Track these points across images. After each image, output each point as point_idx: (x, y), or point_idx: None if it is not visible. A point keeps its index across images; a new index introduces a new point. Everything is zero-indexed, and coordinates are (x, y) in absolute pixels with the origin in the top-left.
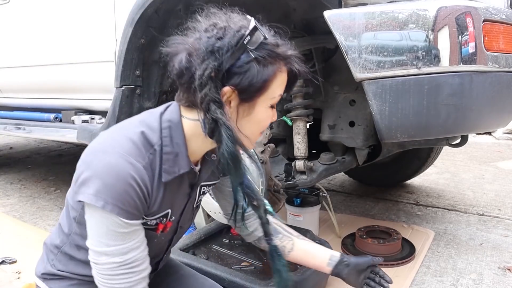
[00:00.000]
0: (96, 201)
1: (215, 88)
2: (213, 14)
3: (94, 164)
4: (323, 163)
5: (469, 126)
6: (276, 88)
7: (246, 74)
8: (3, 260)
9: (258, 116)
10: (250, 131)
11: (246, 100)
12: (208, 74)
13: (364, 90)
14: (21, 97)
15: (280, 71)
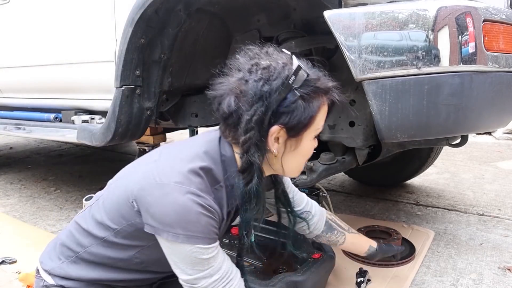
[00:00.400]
0: (180, 238)
1: (259, 131)
2: (251, 51)
3: (168, 202)
4: (323, 163)
5: (469, 126)
6: (320, 120)
7: (293, 113)
8: (3, 260)
9: (304, 148)
10: (297, 163)
11: (293, 135)
12: (255, 120)
13: (364, 90)
14: (21, 97)
15: (323, 104)
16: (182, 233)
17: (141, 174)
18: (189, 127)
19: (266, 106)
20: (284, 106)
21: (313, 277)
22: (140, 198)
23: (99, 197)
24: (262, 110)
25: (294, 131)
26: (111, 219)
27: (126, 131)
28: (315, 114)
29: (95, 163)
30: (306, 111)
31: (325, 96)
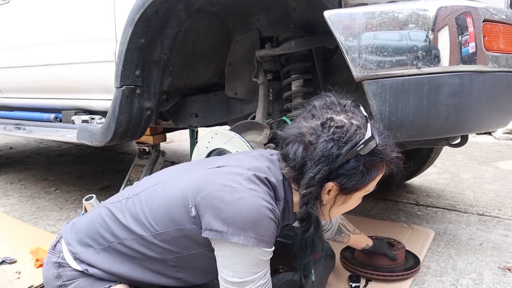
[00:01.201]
0: (251, 241)
1: (320, 187)
2: (328, 97)
3: (243, 207)
4: None
5: (469, 126)
6: (374, 183)
7: (352, 177)
8: (3, 260)
9: (351, 204)
10: (338, 213)
11: (345, 193)
12: (319, 178)
13: (364, 90)
14: (21, 97)
15: (382, 172)
16: (254, 236)
17: (202, 180)
18: (189, 127)
19: (331, 167)
20: (344, 169)
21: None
22: (204, 204)
23: (139, 192)
24: (326, 170)
25: (347, 190)
26: (156, 220)
27: (126, 131)
28: (370, 182)
29: (95, 163)
30: (364, 177)
31: (385, 165)
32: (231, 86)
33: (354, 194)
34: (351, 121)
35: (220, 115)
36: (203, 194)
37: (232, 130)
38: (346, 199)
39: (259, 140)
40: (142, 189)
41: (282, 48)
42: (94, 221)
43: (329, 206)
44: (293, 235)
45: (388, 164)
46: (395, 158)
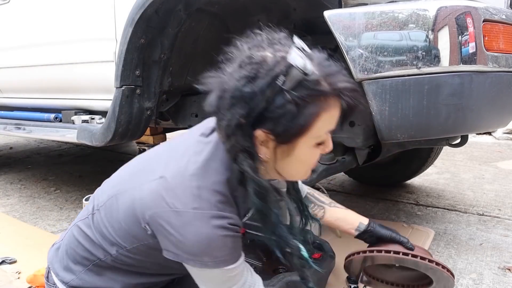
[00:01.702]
0: (216, 265)
1: (243, 136)
2: (256, 37)
3: (190, 233)
4: (323, 163)
5: (469, 126)
6: (321, 127)
7: (280, 120)
8: (3, 260)
9: (301, 156)
10: (296, 171)
11: (283, 142)
12: (234, 124)
13: (364, 90)
14: (21, 97)
15: (325, 110)
16: (209, 260)
17: (149, 195)
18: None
19: (248, 109)
20: (269, 110)
21: (313, 277)
22: (155, 225)
23: (99, 206)
24: (242, 113)
25: (282, 138)
26: (121, 237)
27: (126, 131)
28: (309, 122)
29: (95, 163)
30: (297, 119)
31: (331, 99)
32: None
33: (298, 142)
34: (277, 53)
35: None
36: (151, 214)
37: None
38: (290, 150)
39: None
40: (101, 203)
41: None
42: (71, 244)
43: (272, 161)
44: None
45: (334, 97)
46: (344, 89)
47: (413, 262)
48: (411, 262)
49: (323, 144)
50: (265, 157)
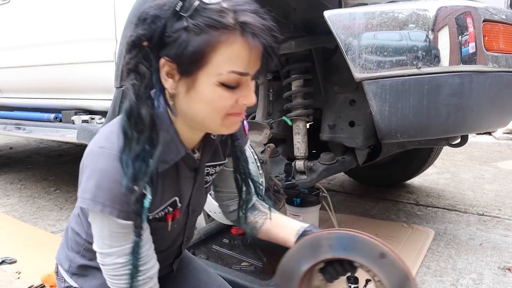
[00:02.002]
0: (94, 205)
1: (137, 57)
2: None
3: (89, 168)
4: (323, 163)
5: (469, 126)
6: (221, 62)
7: (175, 44)
8: (3, 260)
9: (203, 94)
10: (201, 111)
11: (185, 74)
12: (131, 41)
13: (364, 90)
14: (21, 97)
15: (224, 43)
16: (101, 201)
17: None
18: None
19: (149, 31)
20: (166, 35)
21: None
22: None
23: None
24: (141, 33)
25: (181, 67)
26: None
27: None
28: (202, 50)
29: None
30: (189, 44)
31: (233, 34)
32: None
33: (198, 77)
34: None
35: None
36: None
37: None
38: (192, 84)
39: (259, 140)
40: None
41: (282, 48)
42: (67, 232)
43: (180, 98)
44: None
45: (237, 32)
46: (249, 24)
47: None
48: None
49: (237, 90)
50: (171, 89)
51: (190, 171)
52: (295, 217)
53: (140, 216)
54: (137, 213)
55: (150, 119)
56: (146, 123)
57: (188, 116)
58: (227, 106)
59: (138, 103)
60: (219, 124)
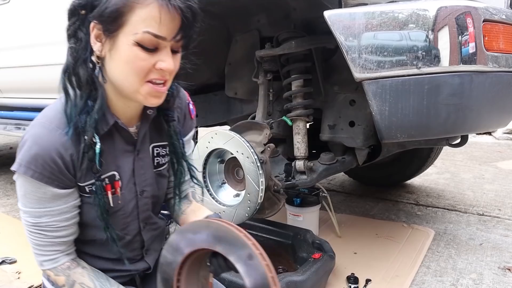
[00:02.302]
0: (17, 166)
1: (75, 24)
2: None
3: (22, 139)
4: (323, 163)
5: (469, 126)
6: (138, 23)
7: (99, 5)
8: (3, 260)
9: (122, 53)
10: (122, 73)
11: (108, 34)
12: (69, 10)
13: (364, 90)
14: (21, 97)
15: (139, 3)
16: (17, 161)
17: None
18: None
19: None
20: (96, 1)
21: (313, 277)
22: None
23: None
24: (80, 3)
25: (105, 27)
26: None
27: None
28: (119, 12)
29: None
30: (109, 4)
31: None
32: (231, 86)
33: (119, 36)
34: None
35: (220, 115)
36: None
37: (232, 130)
38: (114, 44)
39: (259, 140)
40: None
41: (282, 48)
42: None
43: (104, 59)
44: (293, 235)
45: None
46: None
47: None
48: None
49: (155, 54)
50: (98, 51)
51: (127, 145)
52: (295, 217)
53: (94, 161)
54: (91, 159)
55: (88, 78)
56: (84, 81)
57: (113, 80)
58: (144, 68)
59: (76, 64)
60: (136, 90)
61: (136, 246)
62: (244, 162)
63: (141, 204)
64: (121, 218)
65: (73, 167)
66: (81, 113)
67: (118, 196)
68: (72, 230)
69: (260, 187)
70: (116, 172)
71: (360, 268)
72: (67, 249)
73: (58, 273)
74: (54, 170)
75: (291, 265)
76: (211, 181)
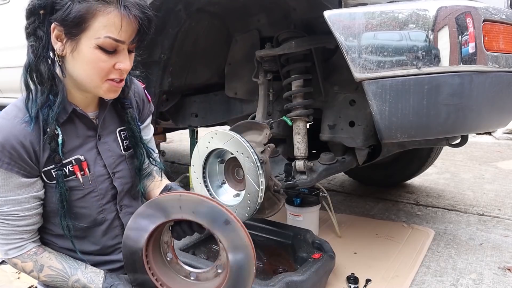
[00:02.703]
0: None
1: (34, 23)
2: None
3: None
4: (323, 163)
5: (469, 126)
6: (99, 28)
7: (62, 10)
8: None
9: (84, 55)
10: (84, 73)
11: (70, 37)
12: (28, 9)
13: (364, 90)
14: None
15: (103, 12)
16: None
17: None
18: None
19: (44, 1)
20: (56, 3)
21: (313, 277)
22: None
23: None
24: (40, 4)
25: (67, 30)
26: None
27: None
28: (83, 16)
29: None
30: (73, 10)
31: (111, 7)
32: (231, 86)
33: (81, 40)
34: None
35: (220, 115)
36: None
37: (232, 130)
38: (75, 47)
39: (259, 140)
40: None
41: (282, 48)
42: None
43: (65, 58)
44: (293, 235)
45: (114, 5)
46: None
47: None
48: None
49: (114, 56)
50: (59, 51)
51: (89, 130)
52: (295, 217)
53: (57, 152)
54: (54, 150)
55: (49, 73)
56: (45, 77)
57: (73, 77)
58: (105, 69)
59: (37, 61)
60: (98, 87)
61: (117, 233)
62: (244, 162)
63: (117, 184)
64: (96, 200)
65: (34, 154)
66: (43, 107)
67: (88, 176)
68: (34, 220)
69: (260, 187)
70: (80, 155)
71: (360, 268)
72: (31, 237)
73: (25, 260)
74: (14, 156)
75: (291, 265)
76: (211, 181)
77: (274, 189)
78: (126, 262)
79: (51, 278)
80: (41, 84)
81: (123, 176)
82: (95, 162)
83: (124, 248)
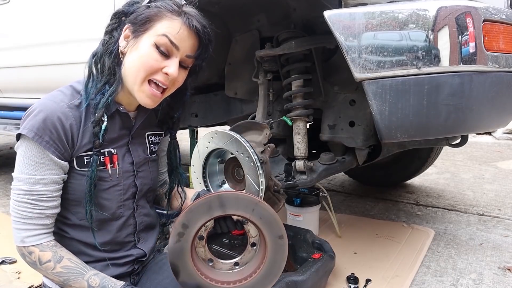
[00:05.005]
0: (21, 129)
1: (114, 24)
2: None
3: (29, 110)
4: (323, 163)
5: (469, 126)
6: (161, 28)
7: (135, 12)
8: (3, 260)
9: (140, 50)
10: (133, 66)
11: (135, 35)
12: (113, 14)
13: (364, 90)
14: (21, 97)
15: (168, 18)
16: (26, 127)
17: None
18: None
19: (128, 9)
20: (135, 11)
21: (313, 277)
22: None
23: None
24: (123, 11)
25: (134, 28)
26: None
27: None
28: (151, 17)
29: None
30: (144, 13)
31: (177, 16)
32: (231, 86)
33: (143, 38)
34: None
35: (220, 115)
36: None
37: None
38: (137, 41)
39: (259, 140)
40: None
41: (282, 48)
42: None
43: (125, 55)
44: (293, 235)
45: (179, 15)
46: (188, 13)
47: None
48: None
49: (165, 60)
50: (123, 48)
51: (124, 128)
52: (295, 217)
53: (98, 137)
54: (96, 135)
55: (110, 65)
56: (107, 68)
57: (125, 71)
58: (153, 67)
59: (104, 53)
60: (139, 84)
61: (130, 231)
62: (244, 162)
63: (138, 183)
64: (118, 194)
65: (72, 138)
66: (98, 94)
67: (116, 170)
68: (58, 203)
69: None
70: (113, 149)
71: (360, 268)
72: (50, 226)
73: (44, 249)
74: (53, 135)
75: (291, 265)
76: (211, 181)
77: (274, 189)
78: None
79: (67, 270)
80: (101, 72)
81: (144, 176)
82: (124, 159)
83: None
